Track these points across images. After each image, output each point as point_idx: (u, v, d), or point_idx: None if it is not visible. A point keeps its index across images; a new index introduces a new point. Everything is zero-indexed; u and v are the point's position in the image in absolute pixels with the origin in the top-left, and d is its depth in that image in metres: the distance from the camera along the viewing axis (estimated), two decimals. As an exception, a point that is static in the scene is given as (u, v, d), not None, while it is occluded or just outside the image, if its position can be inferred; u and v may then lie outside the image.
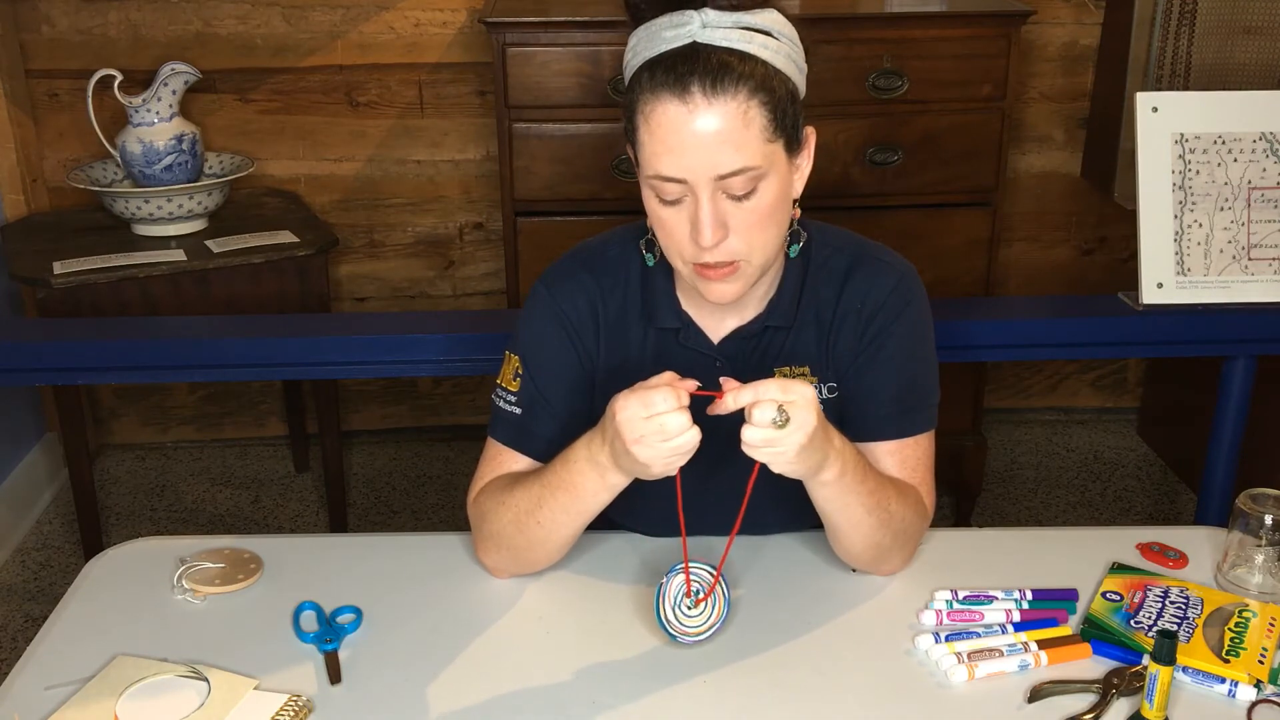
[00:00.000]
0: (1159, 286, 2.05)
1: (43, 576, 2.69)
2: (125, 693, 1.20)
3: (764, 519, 1.41)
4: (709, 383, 1.24)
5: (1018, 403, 3.30)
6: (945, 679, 1.22)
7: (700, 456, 1.22)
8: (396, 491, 3.02)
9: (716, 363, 1.38)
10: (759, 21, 1.22)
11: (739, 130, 1.19)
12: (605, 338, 1.40)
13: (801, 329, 1.38)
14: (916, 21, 2.49)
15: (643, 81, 1.22)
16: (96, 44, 2.83)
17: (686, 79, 1.19)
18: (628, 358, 1.39)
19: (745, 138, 1.20)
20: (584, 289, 1.39)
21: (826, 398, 1.39)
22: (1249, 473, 2.04)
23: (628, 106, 1.25)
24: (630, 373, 1.32)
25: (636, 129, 1.24)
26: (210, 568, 1.38)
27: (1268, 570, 1.34)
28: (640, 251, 1.38)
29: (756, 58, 1.21)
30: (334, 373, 2.20)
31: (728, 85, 1.19)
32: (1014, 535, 1.70)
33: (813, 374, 1.39)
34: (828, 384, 1.39)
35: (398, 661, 1.25)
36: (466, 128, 2.95)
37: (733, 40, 1.20)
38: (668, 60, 1.20)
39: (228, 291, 2.53)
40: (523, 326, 1.41)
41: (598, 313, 1.39)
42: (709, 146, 1.19)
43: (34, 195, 2.86)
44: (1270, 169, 2.05)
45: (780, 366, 1.38)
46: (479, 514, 1.38)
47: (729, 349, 1.38)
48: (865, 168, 2.52)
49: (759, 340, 1.38)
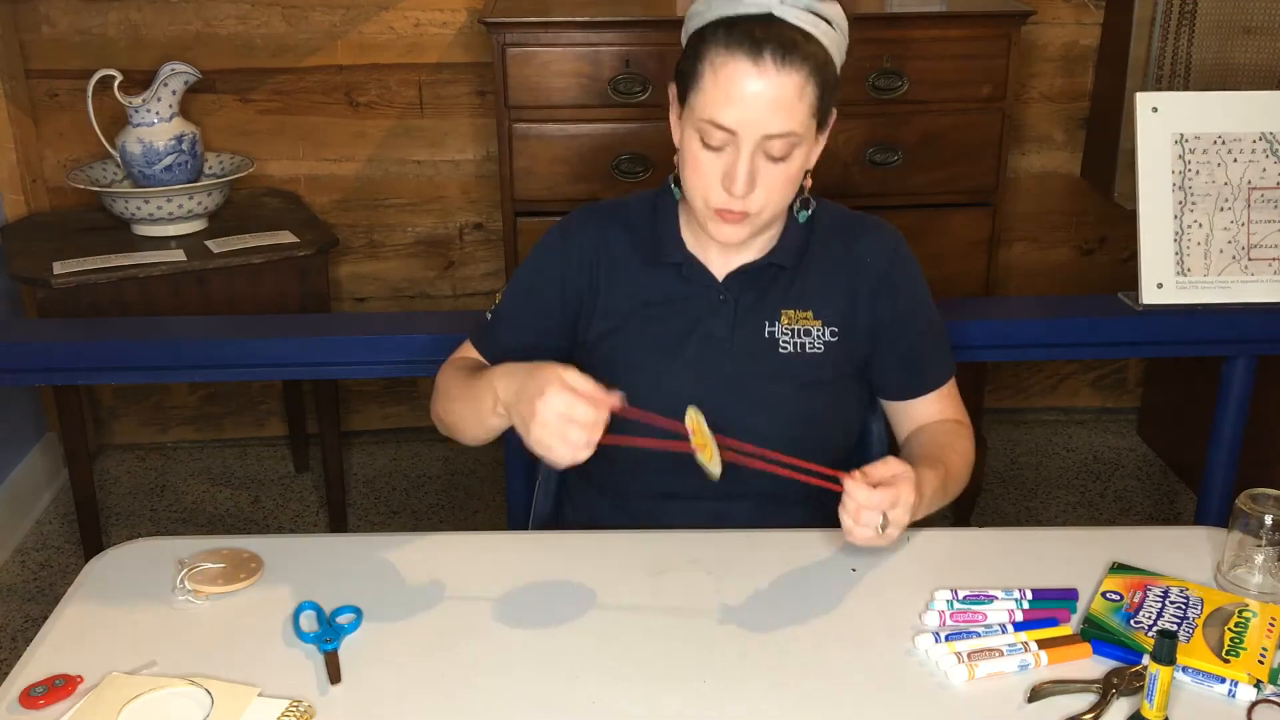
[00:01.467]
0: (1159, 286, 2.05)
1: (43, 576, 2.69)
2: (125, 709, 1.17)
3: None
4: (713, 313, 1.45)
5: (1018, 403, 3.30)
6: (945, 679, 1.22)
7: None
8: (396, 491, 3.02)
9: (720, 296, 1.48)
10: (825, 10, 1.36)
11: (793, 101, 1.33)
12: (610, 273, 1.51)
13: (807, 275, 1.49)
14: (916, 21, 2.49)
15: (719, 34, 1.34)
16: (96, 44, 2.83)
17: (762, 44, 1.31)
18: (634, 294, 1.50)
19: (796, 109, 1.34)
20: (597, 228, 1.52)
21: (829, 340, 1.48)
22: (1249, 473, 2.04)
23: (692, 53, 1.37)
24: (637, 308, 1.48)
25: (700, 75, 1.35)
26: (210, 568, 1.38)
27: (1268, 570, 1.34)
28: (653, 200, 1.53)
29: (819, 41, 1.35)
30: (334, 373, 2.20)
31: (795, 60, 1.32)
32: (1014, 535, 1.70)
33: (815, 317, 1.49)
34: (830, 327, 1.49)
35: (398, 661, 1.25)
36: (466, 128, 2.95)
37: (804, 21, 1.34)
38: (746, 23, 1.33)
39: (228, 291, 2.53)
40: (530, 253, 1.56)
41: (609, 250, 1.51)
42: (766, 108, 1.32)
43: (34, 195, 2.86)
44: (1270, 169, 2.05)
45: (786, 309, 1.48)
46: (438, 379, 1.54)
47: (733, 286, 1.48)
48: (865, 168, 2.52)
49: (761, 277, 1.49)
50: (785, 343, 1.47)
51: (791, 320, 1.48)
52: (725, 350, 1.47)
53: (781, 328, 1.48)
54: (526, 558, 1.43)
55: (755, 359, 1.47)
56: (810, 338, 1.48)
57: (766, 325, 1.48)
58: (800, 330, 1.48)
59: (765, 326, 1.48)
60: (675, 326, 1.49)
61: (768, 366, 1.47)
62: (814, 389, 1.48)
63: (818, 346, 1.48)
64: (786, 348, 1.47)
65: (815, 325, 1.48)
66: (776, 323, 1.48)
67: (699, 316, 1.48)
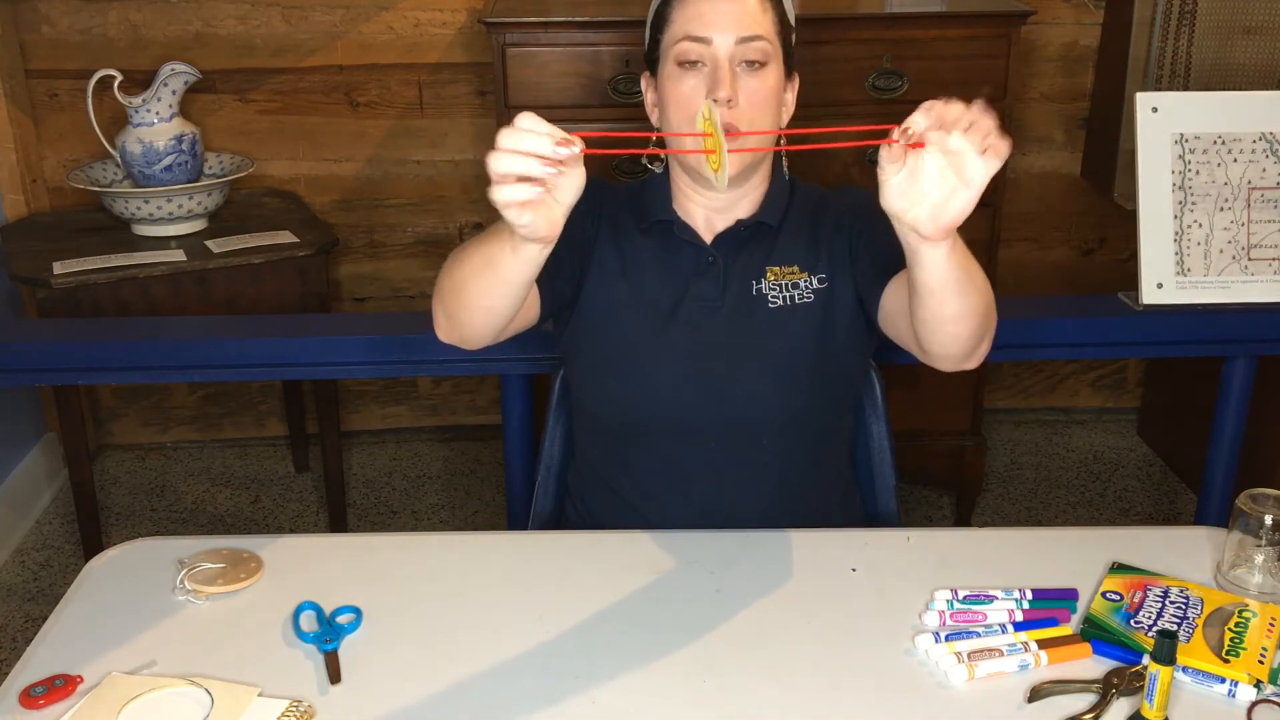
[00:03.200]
0: (1159, 286, 2.05)
1: (43, 576, 2.69)
2: (125, 709, 1.17)
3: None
4: (702, 274, 1.49)
5: (1018, 403, 3.30)
6: (945, 679, 1.22)
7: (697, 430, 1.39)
8: (396, 491, 3.02)
9: (710, 257, 1.51)
10: None
11: (757, 11, 1.43)
12: (610, 233, 1.53)
13: (792, 233, 1.53)
14: (916, 21, 2.49)
15: None
16: (96, 44, 2.83)
17: None
18: (627, 257, 1.53)
19: (762, 19, 1.43)
20: (599, 189, 1.53)
21: (817, 288, 1.51)
22: (1249, 473, 2.04)
23: (658, 6, 1.48)
24: (631, 270, 1.51)
25: (667, 14, 1.46)
26: (210, 568, 1.38)
27: (1268, 570, 1.34)
28: (639, 183, 1.57)
29: None
30: (334, 373, 2.20)
31: None
32: (1014, 535, 1.69)
33: (802, 269, 1.51)
34: (818, 275, 1.52)
35: (398, 661, 1.25)
36: (466, 128, 2.95)
37: None
38: None
39: (228, 291, 2.53)
40: None
41: (608, 209, 1.55)
42: (734, 13, 1.42)
43: (34, 195, 2.86)
44: (1270, 169, 2.05)
45: (771, 266, 1.51)
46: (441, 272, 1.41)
47: (721, 246, 1.51)
48: (865, 168, 2.52)
49: (749, 237, 1.52)
50: (774, 298, 1.49)
51: (778, 276, 1.51)
52: (716, 310, 1.49)
53: (768, 284, 1.50)
54: (526, 558, 1.44)
55: (746, 316, 1.49)
56: (799, 290, 1.50)
57: (754, 284, 1.50)
58: (788, 285, 1.50)
59: (753, 285, 1.50)
60: (667, 289, 1.51)
61: (759, 323, 1.49)
62: (809, 340, 1.49)
63: (808, 296, 1.50)
64: (776, 302, 1.49)
65: (803, 277, 1.51)
66: (763, 279, 1.50)
67: (689, 278, 1.50)
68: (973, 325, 1.27)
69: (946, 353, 1.32)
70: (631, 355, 1.49)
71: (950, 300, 1.23)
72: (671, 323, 1.49)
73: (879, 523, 1.71)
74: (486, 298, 1.29)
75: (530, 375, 2.02)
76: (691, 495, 1.53)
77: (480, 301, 1.30)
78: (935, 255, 1.17)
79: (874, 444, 1.70)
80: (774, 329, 1.48)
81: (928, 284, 1.21)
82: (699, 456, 1.51)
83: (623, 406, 1.51)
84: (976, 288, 1.25)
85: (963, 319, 1.26)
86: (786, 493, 1.54)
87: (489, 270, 1.26)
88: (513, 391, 2.04)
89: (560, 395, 1.70)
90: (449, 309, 1.36)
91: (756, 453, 1.51)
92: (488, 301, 1.30)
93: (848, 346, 1.52)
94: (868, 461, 1.71)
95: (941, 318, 1.26)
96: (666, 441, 1.51)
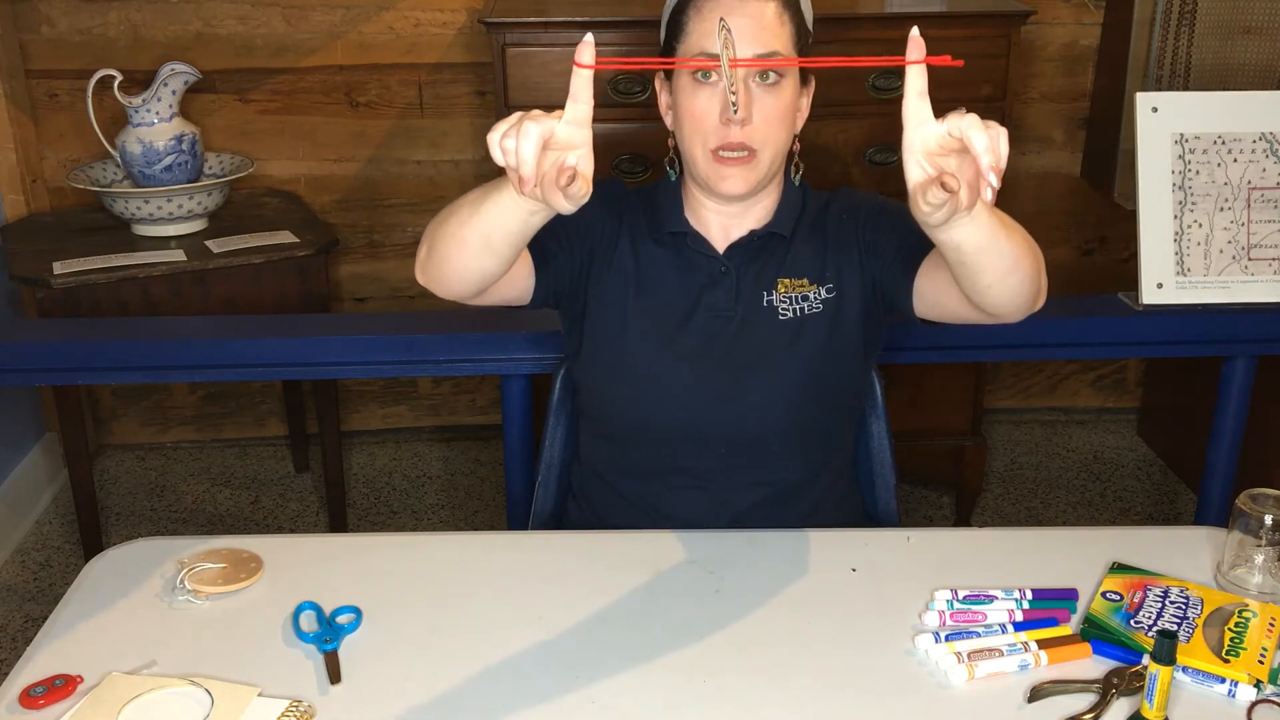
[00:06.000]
0: (1159, 286, 2.05)
1: (43, 576, 2.69)
2: (125, 709, 1.17)
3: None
4: (715, 285, 1.48)
5: (1018, 403, 3.30)
6: (945, 679, 1.22)
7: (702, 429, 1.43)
8: (396, 491, 3.02)
9: (722, 268, 1.51)
10: None
11: (775, 25, 1.41)
12: (629, 237, 1.53)
13: (801, 244, 1.52)
14: (916, 22, 2.48)
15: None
16: (96, 44, 2.83)
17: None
18: (641, 265, 1.52)
19: (779, 32, 1.41)
20: (620, 192, 1.56)
21: (825, 298, 1.50)
22: (1249, 473, 2.04)
23: (672, 11, 1.45)
24: (644, 279, 1.50)
25: (684, 23, 1.43)
26: (210, 568, 1.38)
27: (1268, 570, 1.34)
28: (651, 188, 1.55)
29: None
30: (334, 373, 2.20)
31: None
32: (1014, 535, 1.70)
33: (811, 281, 1.51)
34: (826, 285, 1.51)
35: (398, 661, 1.25)
36: (466, 128, 2.95)
37: None
38: None
39: (228, 291, 2.53)
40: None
41: (627, 215, 1.54)
42: (751, 29, 1.39)
43: (34, 195, 2.86)
44: (1270, 169, 2.05)
45: (782, 278, 1.51)
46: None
47: (734, 257, 1.51)
48: (865, 168, 2.52)
49: (761, 247, 1.51)
50: (784, 310, 1.50)
51: (789, 288, 1.51)
52: (729, 321, 1.50)
53: (779, 295, 1.50)
54: (526, 558, 1.44)
55: (757, 327, 1.50)
56: (809, 302, 1.50)
57: (765, 295, 1.50)
58: (798, 297, 1.51)
59: (764, 296, 1.50)
60: (680, 298, 1.51)
61: (771, 335, 1.49)
62: (817, 352, 1.50)
63: (817, 307, 1.50)
64: (786, 314, 1.50)
65: (812, 290, 1.51)
66: (774, 291, 1.50)
67: (702, 288, 1.51)
68: (1029, 262, 1.27)
69: (1018, 303, 1.30)
70: (643, 362, 1.49)
71: (1003, 247, 1.22)
72: (683, 332, 1.50)
73: (879, 523, 1.71)
74: (471, 235, 1.26)
75: (530, 375, 2.02)
76: (697, 498, 1.53)
77: (463, 233, 1.26)
78: (977, 216, 1.17)
79: (874, 444, 1.71)
80: (785, 342, 1.49)
81: (977, 244, 1.20)
82: (706, 462, 1.52)
83: (632, 412, 1.52)
84: (1011, 225, 1.25)
85: (1020, 260, 1.25)
86: (789, 496, 1.54)
87: (483, 205, 1.22)
88: (513, 391, 2.04)
89: (561, 395, 1.70)
90: (432, 240, 1.32)
91: (763, 459, 1.52)
92: (472, 240, 1.26)
93: (854, 354, 1.53)
94: (868, 461, 1.72)
95: (1001, 270, 1.25)
96: (674, 446, 1.52)
